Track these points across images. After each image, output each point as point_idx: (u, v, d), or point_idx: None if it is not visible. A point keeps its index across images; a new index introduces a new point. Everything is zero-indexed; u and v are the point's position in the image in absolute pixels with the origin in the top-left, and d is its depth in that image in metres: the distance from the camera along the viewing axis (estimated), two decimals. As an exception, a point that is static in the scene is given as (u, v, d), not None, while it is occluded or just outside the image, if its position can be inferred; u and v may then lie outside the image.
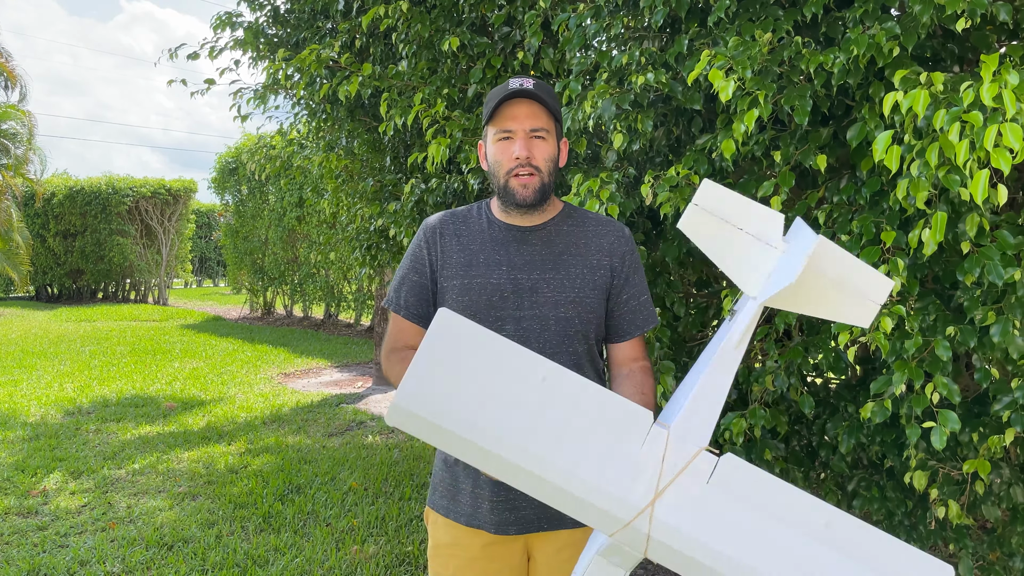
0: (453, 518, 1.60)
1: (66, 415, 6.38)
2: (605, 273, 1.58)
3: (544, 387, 1.08)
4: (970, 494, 2.03)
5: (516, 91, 1.50)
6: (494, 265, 1.55)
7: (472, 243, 1.58)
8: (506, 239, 1.57)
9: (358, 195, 4.13)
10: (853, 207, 2.04)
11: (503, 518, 1.55)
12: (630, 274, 1.62)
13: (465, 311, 1.52)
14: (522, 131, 1.51)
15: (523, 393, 1.08)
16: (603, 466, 1.08)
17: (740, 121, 1.90)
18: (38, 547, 3.57)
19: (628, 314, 1.61)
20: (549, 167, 1.54)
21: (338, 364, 9.25)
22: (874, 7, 1.91)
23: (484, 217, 1.62)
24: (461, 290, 1.54)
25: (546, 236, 1.58)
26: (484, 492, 1.56)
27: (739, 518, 1.09)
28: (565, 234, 1.59)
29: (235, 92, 4.04)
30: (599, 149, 2.52)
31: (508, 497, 1.54)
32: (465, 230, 1.60)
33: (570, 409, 1.08)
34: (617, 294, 1.60)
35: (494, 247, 1.57)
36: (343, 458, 5.02)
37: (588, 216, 1.64)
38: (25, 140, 15.13)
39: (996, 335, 1.71)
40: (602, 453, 1.08)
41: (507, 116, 1.51)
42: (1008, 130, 1.48)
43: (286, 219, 12.74)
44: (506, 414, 1.07)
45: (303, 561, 3.38)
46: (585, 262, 1.58)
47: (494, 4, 2.95)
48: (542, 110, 1.52)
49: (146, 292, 20.08)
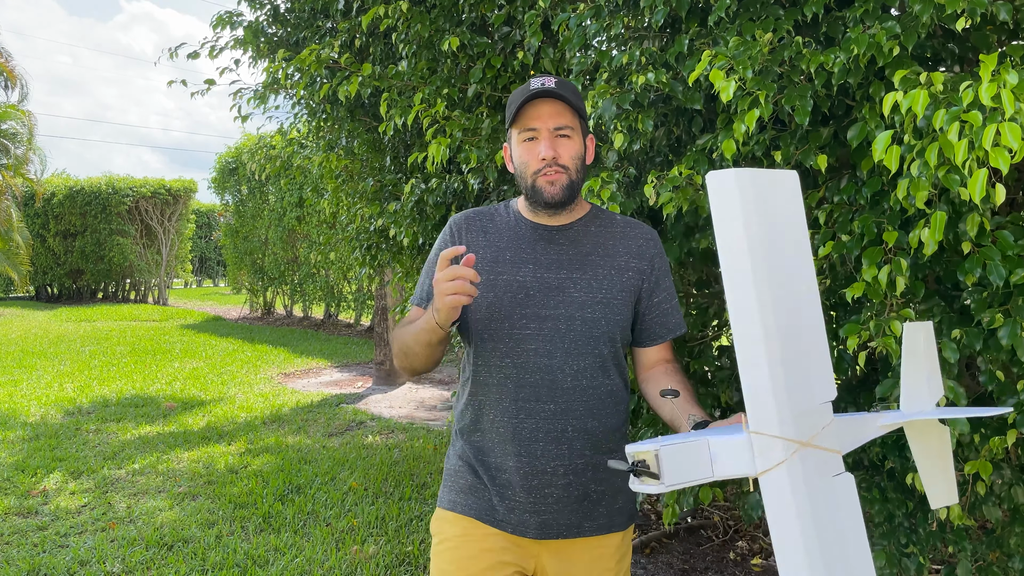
0: (463, 512, 1.56)
1: (66, 415, 6.38)
2: (633, 276, 1.56)
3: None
4: (971, 495, 2.02)
5: (539, 91, 1.47)
6: (520, 263, 1.53)
7: (499, 240, 1.57)
8: (533, 237, 1.56)
9: (358, 195, 4.13)
10: (854, 207, 2.03)
11: (522, 519, 1.52)
12: (660, 277, 1.60)
13: (490, 308, 1.51)
14: (547, 130, 1.49)
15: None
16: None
17: (740, 121, 1.89)
18: (38, 547, 3.56)
19: (660, 317, 1.59)
20: (576, 164, 1.52)
21: (338, 364, 9.25)
22: (874, 7, 1.91)
23: (511, 215, 1.60)
24: (487, 286, 1.52)
25: (573, 236, 1.57)
26: (504, 492, 1.52)
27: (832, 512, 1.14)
28: (593, 235, 1.58)
29: (235, 92, 4.04)
30: (599, 149, 2.52)
31: (530, 500, 1.51)
32: (492, 227, 1.59)
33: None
34: (648, 297, 1.58)
35: (521, 245, 1.55)
36: (343, 458, 5.02)
37: (616, 218, 1.63)
38: (25, 140, 15.14)
39: (1004, 337, 1.70)
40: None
41: (531, 116, 1.49)
42: (1007, 129, 1.47)
43: (286, 219, 12.74)
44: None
45: (303, 561, 3.38)
46: (613, 263, 1.56)
47: (494, 4, 2.94)
48: (566, 108, 1.50)
49: (146, 292, 20.08)
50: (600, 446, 1.53)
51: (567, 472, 1.51)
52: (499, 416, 1.52)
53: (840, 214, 2.02)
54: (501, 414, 1.51)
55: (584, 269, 1.53)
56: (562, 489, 1.51)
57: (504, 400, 1.51)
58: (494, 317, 1.51)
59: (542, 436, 1.50)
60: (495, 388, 1.52)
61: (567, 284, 1.52)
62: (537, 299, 1.51)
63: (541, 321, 1.50)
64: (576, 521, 1.53)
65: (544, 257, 1.54)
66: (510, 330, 1.50)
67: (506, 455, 1.52)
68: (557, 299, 1.51)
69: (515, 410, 1.50)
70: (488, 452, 1.54)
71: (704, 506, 4.04)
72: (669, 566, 3.43)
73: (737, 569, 3.40)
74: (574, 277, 1.52)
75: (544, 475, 1.50)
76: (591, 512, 1.54)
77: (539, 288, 1.51)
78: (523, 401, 1.50)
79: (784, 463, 1.11)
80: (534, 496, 1.50)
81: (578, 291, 1.52)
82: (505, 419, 1.51)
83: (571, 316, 1.50)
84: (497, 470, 1.53)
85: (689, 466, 1.11)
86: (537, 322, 1.50)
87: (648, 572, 3.36)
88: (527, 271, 1.53)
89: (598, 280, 1.53)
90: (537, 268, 1.53)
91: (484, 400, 1.54)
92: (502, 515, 1.53)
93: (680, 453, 1.11)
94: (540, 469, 1.50)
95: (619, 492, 1.57)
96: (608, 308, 1.52)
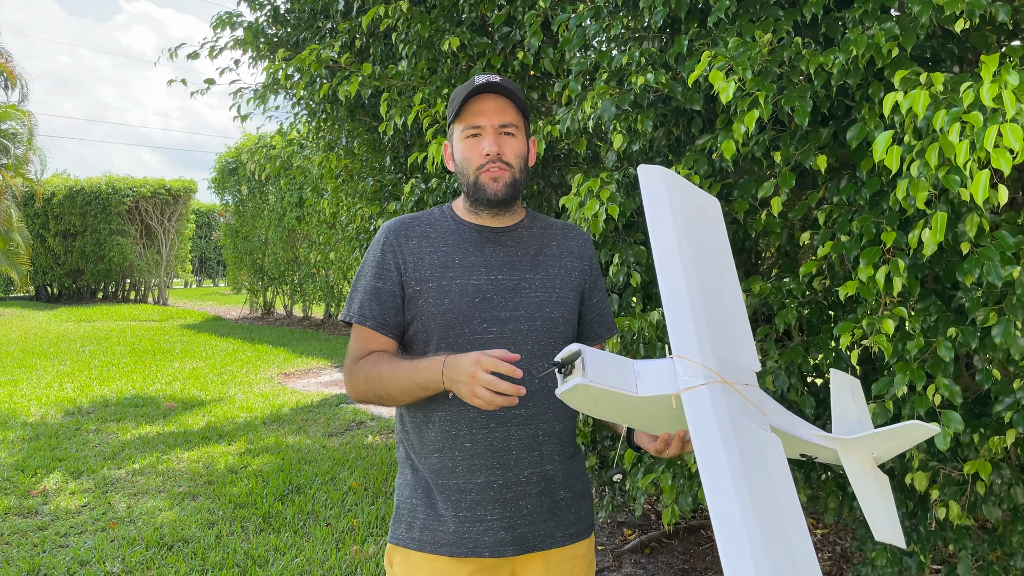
0: (432, 551, 1.45)
1: (66, 415, 6.38)
2: (578, 276, 1.56)
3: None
4: (970, 495, 2.03)
5: (483, 85, 1.43)
6: (471, 266, 1.47)
7: (443, 245, 1.49)
8: (478, 240, 1.50)
9: (358, 195, 4.13)
10: (853, 207, 2.04)
11: (499, 539, 1.45)
12: (597, 278, 1.61)
13: (445, 315, 1.45)
14: (491, 127, 1.45)
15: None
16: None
17: (740, 121, 1.90)
18: (38, 547, 3.57)
19: (599, 316, 1.61)
20: (520, 164, 1.48)
21: (338, 364, 9.25)
22: (874, 7, 1.91)
23: (451, 219, 1.54)
24: (439, 293, 1.45)
25: (519, 237, 1.53)
26: (474, 513, 1.45)
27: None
28: (537, 236, 1.56)
29: (235, 92, 4.04)
30: (599, 149, 2.52)
31: (505, 514, 1.45)
32: (433, 232, 1.51)
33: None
34: (589, 297, 1.59)
35: (468, 248, 1.49)
36: (343, 458, 5.02)
37: (552, 221, 1.62)
38: (25, 140, 15.15)
39: (998, 336, 1.71)
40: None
41: (475, 112, 1.45)
42: (1008, 130, 1.48)
43: (286, 219, 12.75)
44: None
45: (303, 561, 3.38)
46: (560, 263, 1.55)
47: (494, 4, 2.94)
48: (510, 105, 1.47)
49: (146, 292, 20.08)
50: (564, 450, 1.53)
51: (539, 480, 1.48)
52: (466, 429, 1.45)
53: (839, 214, 2.02)
54: (469, 426, 1.44)
55: (536, 269, 1.51)
56: (535, 499, 1.48)
57: (472, 410, 1.43)
58: (452, 324, 1.44)
59: (515, 444, 1.46)
60: (460, 400, 1.40)
61: (523, 285, 1.49)
62: (495, 302, 1.46)
63: (502, 324, 1.45)
64: (550, 531, 1.50)
65: (495, 259, 1.49)
66: (471, 336, 1.44)
67: (473, 471, 1.45)
68: (515, 300, 1.47)
69: (486, 419, 1.44)
70: (449, 474, 1.46)
71: (704, 506, 4.04)
72: (669, 566, 3.43)
73: (737, 569, 3.39)
74: (528, 278, 1.49)
75: (518, 485, 1.46)
76: (563, 520, 1.52)
77: (495, 291, 1.46)
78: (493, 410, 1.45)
79: (706, 385, 1.17)
80: (509, 510, 1.46)
81: (534, 291, 1.49)
82: (475, 430, 1.44)
83: (531, 317, 1.47)
84: (461, 492, 1.45)
85: (613, 372, 1.17)
86: (498, 325, 1.45)
87: (648, 572, 3.36)
88: (480, 274, 1.47)
89: (551, 280, 1.52)
90: (489, 270, 1.48)
91: (447, 415, 1.45)
92: (475, 540, 1.45)
93: (605, 359, 1.18)
94: (514, 480, 1.46)
95: (581, 498, 1.56)
96: (563, 307, 1.52)
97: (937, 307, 1.87)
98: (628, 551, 3.57)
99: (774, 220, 2.16)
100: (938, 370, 1.79)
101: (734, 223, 2.37)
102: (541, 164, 3.05)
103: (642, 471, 2.54)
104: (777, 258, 2.79)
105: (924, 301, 1.89)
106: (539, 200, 3.09)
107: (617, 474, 1.47)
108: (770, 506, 1.08)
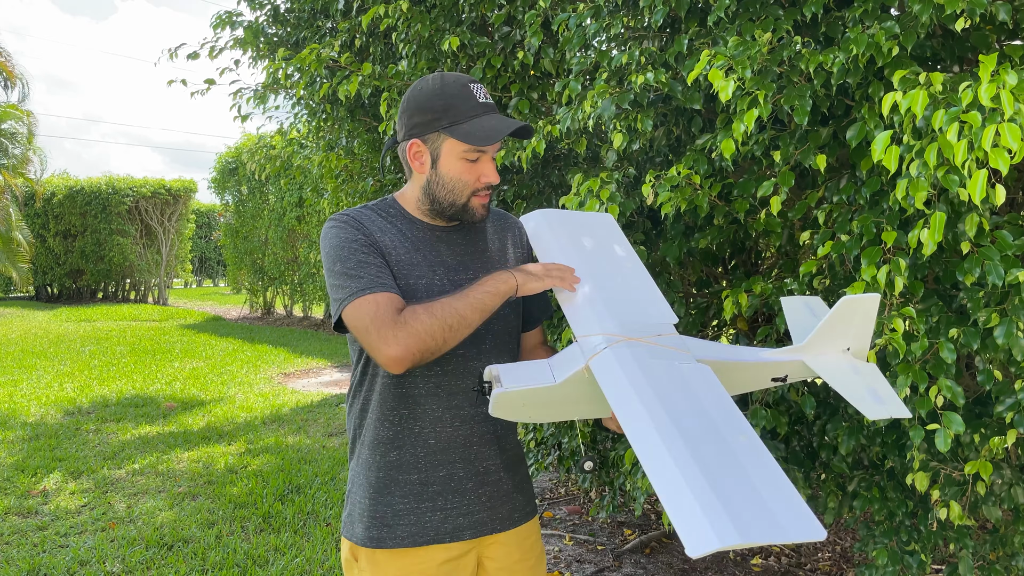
0: (394, 546, 1.47)
1: (66, 415, 6.38)
2: (520, 265, 1.57)
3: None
4: (971, 495, 2.02)
5: (489, 106, 1.45)
6: (432, 266, 1.48)
7: (403, 241, 1.48)
8: (432, 239, 1.51)
9: (358, 195, 4.13)
10: (853, 207, 2.03)
11: (457, 524, 1.49)
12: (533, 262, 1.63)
13: None
14: (492, 151, 1.46)
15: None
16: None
17: (740, 121, 1.89)
18: (38, 547, 3.57)
19: (536, 300, 1.62)
20: None
21: (338, 364, 9.25)
22: (874, 6, 1.91)
23: (403, 216, 1.52)
24: (405, 291, 1.42)
25: (465, 234, 1.55)
26: (435, 503, 1.48)
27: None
28: (479, 230, 1.57)
29: (235, 92, 4.04)
30: (599, 149, 2.52)
31: (462, 503, 1.50)
32: (389, 228, 1.49)
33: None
34: None
35: (425, 247, 1.49)
36: (343, 458, 5.02)
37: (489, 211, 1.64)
38: (25, 140, 15.15)
39: (1000, 337, 1.70)
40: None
41: (482, 135, 1.42)
42: (1006, 130, 1.48)
43: (286, 219, 12.75)
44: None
45: (303, 561, 3.38)
46: (504, 256, 1.59)
47: (494, 4, 2.94)
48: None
49: (146, 292, 20.08)
50: (514, 439, 1.60)
51: (497, 469, 1.54)
52: (429, 426, 1.47)
53: (839, 214, 2.02)
54: (432, 424, 1.47)
55: (486, 267, 1.53)
56: (493, 486, 1.54)
57: (436, 409, 1.47)
58: None
59: (476, 439, 1.50)
60: (424, 399, 1.46)
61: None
62: None
63: None
64: (507, 513, 1.56)
65: (450, 259, 1.51)
66: None
67: (435, 466, 1.48)
68: None
69: (450, 418, 1.47)
70: (410, 469, 1.48)
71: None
72: (669, 566, 3.43)
73: (737, 569, 3.40)
74: (479, 276, 1.48)
75: (479, 475, 1.51)
76: (517, 502, 1.59)
77: (453, 291, 1.45)
78: (457, 408, 1.48)
79: (608, 347, 1.26)
80: (468, 498, 1.50)
81: None
82: (438, 429, 1.47)
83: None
84: (422, 485, 1.48)
85: (527, 375, 1.29)
86: None
87: (648, 572, 3.36)
88: (440, 273, 1.48)
89: None
90: (447, 271, 1.49)
91: (408, 413, 1.47)
92: (435, 528, 1.48)
93: (520, 367, 1.31)
94: (474, 471, 1.51)
95: (526, 481, 1.64)
96: (514, 303, 1.55)
97: (938, 308, 1.87)
98: (628, 551, 3.57)
99: (774, 220, 2.16)
100: (940, 371, 1.79)
101: (734, 223, 2.37)
102: (541, 164, 3.04)
103: (642, 471, 2.54)
104: (777, 258, 2.79)
105: (925, 302, 1.89)
106: (539, 200, 3.09)
107: (587, 462, 1.52)
108: (712, 442, 1.06)
